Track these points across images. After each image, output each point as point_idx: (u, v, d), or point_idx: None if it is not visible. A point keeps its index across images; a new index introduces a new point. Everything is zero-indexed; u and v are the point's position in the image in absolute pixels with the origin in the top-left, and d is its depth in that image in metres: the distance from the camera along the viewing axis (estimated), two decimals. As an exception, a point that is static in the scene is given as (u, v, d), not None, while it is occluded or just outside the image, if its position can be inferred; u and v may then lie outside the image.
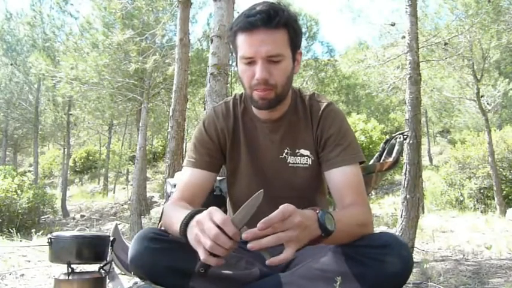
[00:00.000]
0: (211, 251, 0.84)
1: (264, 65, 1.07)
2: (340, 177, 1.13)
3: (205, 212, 0.89)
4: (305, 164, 1.22)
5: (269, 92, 1.10)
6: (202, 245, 0.85)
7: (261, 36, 1.06)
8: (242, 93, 1.31)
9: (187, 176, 1.23)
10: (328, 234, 0.89)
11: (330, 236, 0.90)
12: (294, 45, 1.12)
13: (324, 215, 0.89)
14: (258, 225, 0.81)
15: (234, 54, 1.17)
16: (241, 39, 1.09)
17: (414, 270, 2.63)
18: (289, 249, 0.84)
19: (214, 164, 1.25)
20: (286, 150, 1.23)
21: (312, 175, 1.23)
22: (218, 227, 0.84)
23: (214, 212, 0.88)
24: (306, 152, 1.22)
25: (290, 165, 1.22)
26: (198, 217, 0.90)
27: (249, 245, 0.82)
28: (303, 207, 0.90)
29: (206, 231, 0.85)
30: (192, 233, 0.90)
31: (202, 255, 0.86)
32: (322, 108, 1.21)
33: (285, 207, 0.83)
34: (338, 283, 0.94)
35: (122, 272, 1.92)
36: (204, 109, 3.09)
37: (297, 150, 1.22)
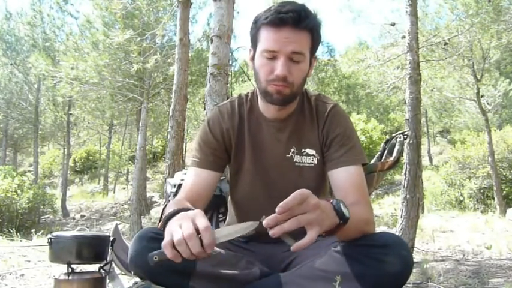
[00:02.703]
0: (176, 245, 0.83)
1: (285, 62, 1.08)
2: (344, 177, 1.14)
3: (191, 212, 0.90)
4: (311, 163, 1.23)
5: (285, 88, 1.11)
6: (172, 234, 0.85)
7: (288, 34, 1.07)
8: (248, 93, 1.30)
9: (192, 176, 1.23)
10: (345, 221, 0.89)
11: (345, 226, 0.90)
12: (313, 49, 1.14)
13: (339, 203, 0.90)
14: (277, 209, 0.80)
15: (252, 46, 1.17)
16: (267, 33, 1.09)
17: (414, 270, 2.63)
18: (312, 232, 0.83)
19: (219, 163, 1.25)
20: (292, 149, 1.23)
21: (316, 175, 1.24)
22: (197, 230, 0.84)
23: (200, 216, 0.88)
24: (312, 152, 1.23)
25: (296, 164, 1.23)
26: (182, 213, 0.90)
27: (271, 232, 0.81)
28: None
29: (183, 227, 0.85)
30: (170, 225, 0.90)
31: (165, 241, 0.85)
32: (328, 109, 1.23)
33: (301, 191, 0.83)
34: (337, 282, 0.94)
35: (122, 272, 1.92)
36: (204, 109, 3.08)
37: (303, 150, 1.23)
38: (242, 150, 1.26)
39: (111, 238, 1.49)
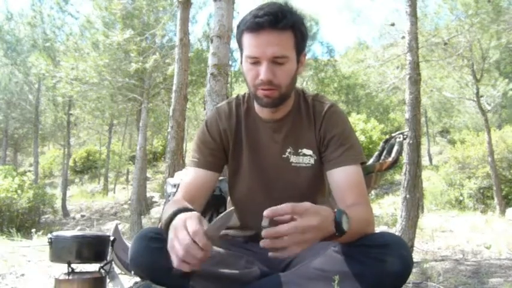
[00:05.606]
0: (183, 259, 0.87)
1: (268, 66, 1.07)
2: (343, 177, 1.14)
3: (181, 219, 0.92)
4: (308, 163, 1.22)
5: (273, 91, 1.11)
6: (176, 252, 0.88)
7: (267, 37, 1.06)
8: (245, 93, 1.31)
9: (190, 176, 1.24)
10: (341, 234, 0.89)
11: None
12: (299, 47, 1.13)
13: (341, 215, 0.90)
14: (265, 213, 0.81)
15: (239, 51, 1.17)
16: (248, 39, 1.09)
17: (414, 270, 2.64)
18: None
19: (217, 164, 1.25)
20: (289, 150, 1.23)
21: (314, 175, 1.23)
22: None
23: (190, 220, 0.90)
24: (309, 152, 1.22)
25: (293, 164, 1.23)
26: (174, 222, 0.93)
27: (261, 243, 0.82)
28: None
29: (180, 239, 0.88)
30: (170, 236, 0.92)
31: (175, 262, 0.88)
32: (325, 109, 1.22)
33: (302, 205, 0.84)
34: (336, 282, 0.94)
35: (122, 272, 1.92)
36: (204, 109, 3.09)
37: (300, 150, 1.23)
38: (240, 150, 1.26)
39: (112, 238, 1.49)
